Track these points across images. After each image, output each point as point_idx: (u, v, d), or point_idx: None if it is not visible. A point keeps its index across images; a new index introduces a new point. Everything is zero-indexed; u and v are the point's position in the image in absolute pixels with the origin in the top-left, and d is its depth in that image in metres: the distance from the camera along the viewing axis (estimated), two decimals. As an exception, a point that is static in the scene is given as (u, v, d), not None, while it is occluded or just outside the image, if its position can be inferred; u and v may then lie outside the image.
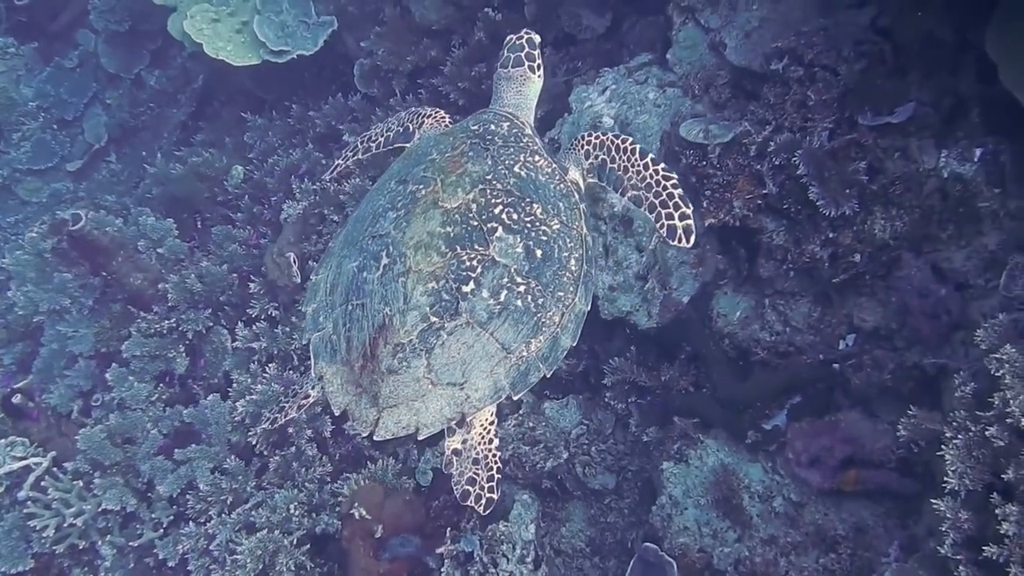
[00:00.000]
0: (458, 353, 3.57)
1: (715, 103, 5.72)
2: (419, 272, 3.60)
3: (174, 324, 6.92)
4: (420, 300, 3.57)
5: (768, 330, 5.48)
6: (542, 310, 3.68)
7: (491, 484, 3.75)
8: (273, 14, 7.96)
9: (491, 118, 4.22)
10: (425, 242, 3.66)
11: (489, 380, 3.61)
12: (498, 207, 3.73)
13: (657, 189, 4.01)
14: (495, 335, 3.59)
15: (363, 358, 3.64)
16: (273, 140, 8.17)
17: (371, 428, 3.61)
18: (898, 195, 4.96)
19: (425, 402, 3.59)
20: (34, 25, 10.98)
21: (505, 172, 3.86)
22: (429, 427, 3.60)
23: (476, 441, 3.78)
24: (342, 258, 3.97)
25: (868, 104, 5.02)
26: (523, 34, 4.47)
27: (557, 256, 3.77)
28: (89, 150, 10.26)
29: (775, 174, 5.18)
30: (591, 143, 4.19)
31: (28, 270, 7.45)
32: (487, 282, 3.60)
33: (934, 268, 4.97)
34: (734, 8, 5.69)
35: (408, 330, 3.55)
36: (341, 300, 3.83)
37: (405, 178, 3.98)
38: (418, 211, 3.75)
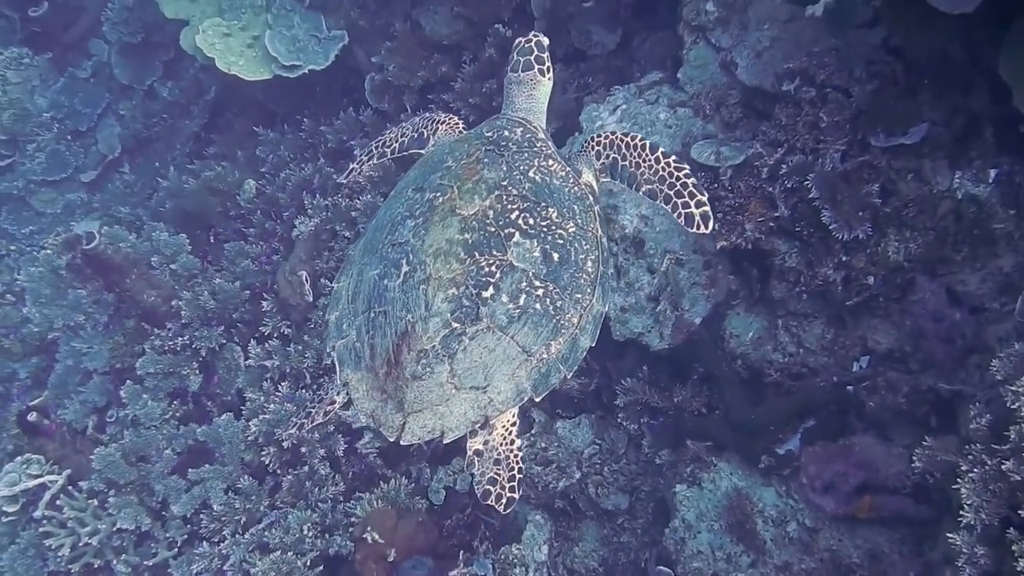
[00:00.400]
0: (480, 357, 3.60)
1: (726, 123, 5.69)
2: (439, 279, 3.64)
3: (187, 341, 6.93)
4: (441, 307, 3.60)
5: (781, 351, 5.46)
6: (561, 312, 3.72)
7: (512, 484, 3.75)
8: (284, 29, 7.96)
9: (504, 124, 4.26)
10: (444, 249, 3.70)
11: (511, 383, 3.65)
12: (514, 212, 3.77)
13: (671, 180, 4.05)
14: (515, 338, 3.63)
15: (387, 364, 3.67)
16: (285, 154, 8.17)
17: (397, 433, 3.64)
18: (912, 217, 4.94)
19: (449, 406, 3.62)
20: (48, 35, 11.01)
21: (520, 177, 3.89)
22: (454, 431, 3.63)
23: (498, 442, 3.79)
24: (363, 266, 4.00)
25: (881, 125, 4.99)
26: (531, 37, 4.47)
27: (574, 259, 3.80)
28: (103, 161, 10.30)
29: (787, 196, 5.15)
30: (601, 143, 4.23)
31: (43, 286, 7.49)
32: (506, 287, 3.64)
33: (948, 291, 4.94)
34: (745, 28, 5.66)
35: (431, 336, 3.59)
36: (363, 308, 3.86)
37: (422, 186, 4.01)
38: (436, 219, 3.79)
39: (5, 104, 10.44)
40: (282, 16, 8.04)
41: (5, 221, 10.19)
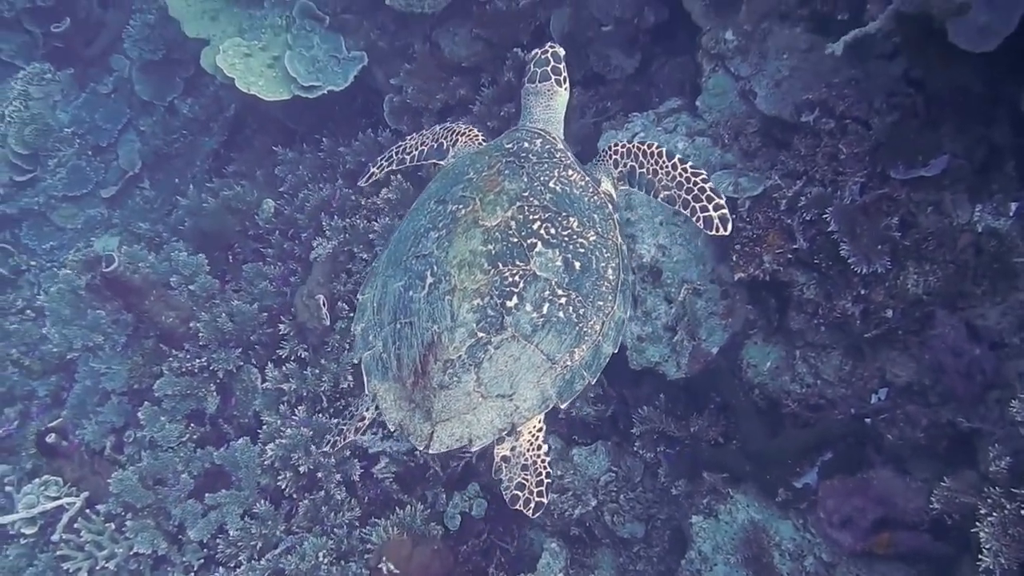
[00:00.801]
0: (505, 366, 3.63)
1: (745, 151, 5.68)
2: (464, 290, 3.67)
3: (205, 363, 6.97)
4: (467, 317, 3.63)
5: (799, 382, 5.44)
6: (583, 320, 3.74)
7: (540, 489, 3.76)
8: (304, 49, 7.98)
9: (524, 135, 4.29)
10: (468, 260, 3.72)
11: (536, 390, 3.66)
12: (536, 223, 3.80)
13: (688, 186, 4.08)
14: (540, 347, 3.65)
15: (414, 375, 3.70)
16: (303, 174, 8.19)
17: (426, 442, 3.67)
18: (931, 250, 4.90)
19: (476, 415, 3.65)
20: (70, 51, 11.10)
21: (541, 188, 3.92)
22: (481, 438, 3.67)
23: (525, 448, 3.81)
24: (387, 278, 4.02)
25: (900, 157, 4.96)
26: (547, 48, 4.49)
27: (595, 267, 3.83)
28: (123, 176, 10.37)
29: (805, 229, 5.13)
30: (619, 152, 4.27)
31: (62, 307, 7.54)
32: (530, 296, 3.66)
33: (968, 325, 4.90)
34: (764, 56, 5.64)
35: (457, 346, 3.61)
36: (389, 319, 3.89)
37: (444, 198, 4.04)
38: (459, 230, 3.82)
39: (27, 119, 10.52)
40: (302, 37, 8.06)
41: (26, 236, 10.26)
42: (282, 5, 8.31)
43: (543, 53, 4.47)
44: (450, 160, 4.63)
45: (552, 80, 4.43)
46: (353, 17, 8.13)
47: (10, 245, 10.17)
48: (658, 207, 5.65)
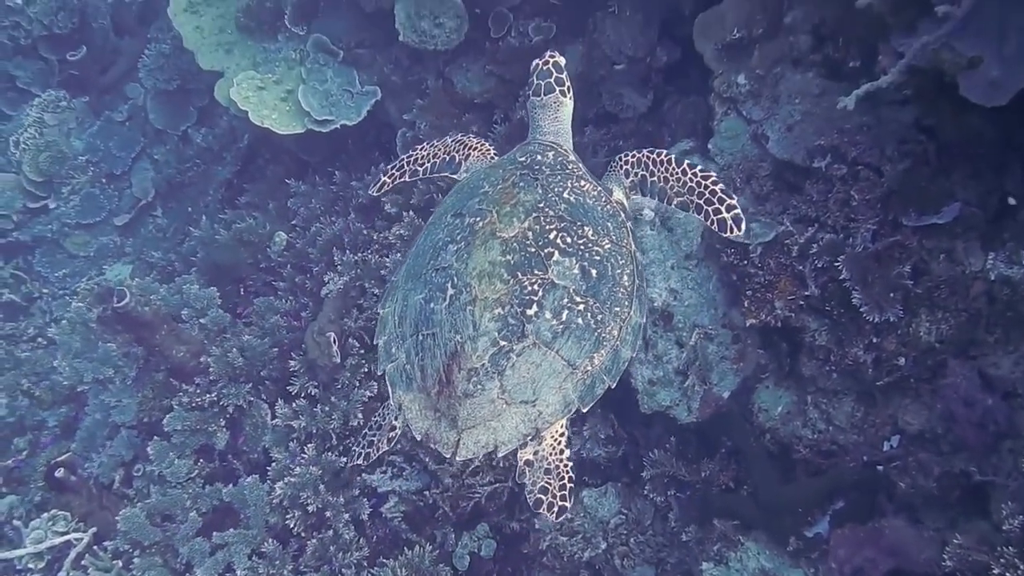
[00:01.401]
0: (528, 373, 3.72)
1: (757, 195, 5.67)
2: (485, 300, 3.75)
3: (215, 398, 6.96)
4: (489, 326, 3.71)
5: (810, 428, 5.42)
6: (602, 326, 3.84)
7: (563, 493, 3.85)
8: (318, 83, 8.02)
9: (536, 149, 4.40)
10: (488, 271, 3.81)
11: (558, 395, 3.76)
12: (552, 232, 3.90)
13: (700, 190, 4.18)
14: (560, 353, 3.75)
15: (439, 384, 3.79)
16: (316, 207, 8.20)
17: (453, 449, 3.76)
18: (943, 298, 4.89)
19: (501, 421, 3.74)
20: (85, 79, 11.19)
21: (556, 199, 4.02)
22: (507, 444, 3.75)
23: (548, 452, 3.90)
24: (407, 291, 4.10)
25: (912, 205, 4.95)
26: (548, 58, 4.59)
27: (611, 273, 3.93)
28: (136, 204, 10.41)
29: (817, 275, 5.12)
30: (629, 162, 4.39)
31: (73, 339, 7.56)
32: (549, 304, 3.75)
33: (981, 374, 4.87)
34: (776, 101, 5.64)
35: (480, 355, 3.70)
36: (411, 331, 3.97)
37: (461, 211, 4.13)
38: (478, 242, 3.91)
39: (42, 146, 10.59)
40: (315, 70, 8.09)
41: (39, 264, 10.30)
42: (296, 39, 8.35)
43: (544, 64, 4.58)
44: (463, 175, 4.72)
45: (557, 92, 4.54)
46: (367, 52, 8.17)
47: (23, 272, 10.21)
48: (670, 250, 5.64)
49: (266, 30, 8.59)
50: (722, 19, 5.86)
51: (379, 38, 8.09)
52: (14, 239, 10.39)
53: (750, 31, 5.71)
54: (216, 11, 8.92)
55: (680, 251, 5.63)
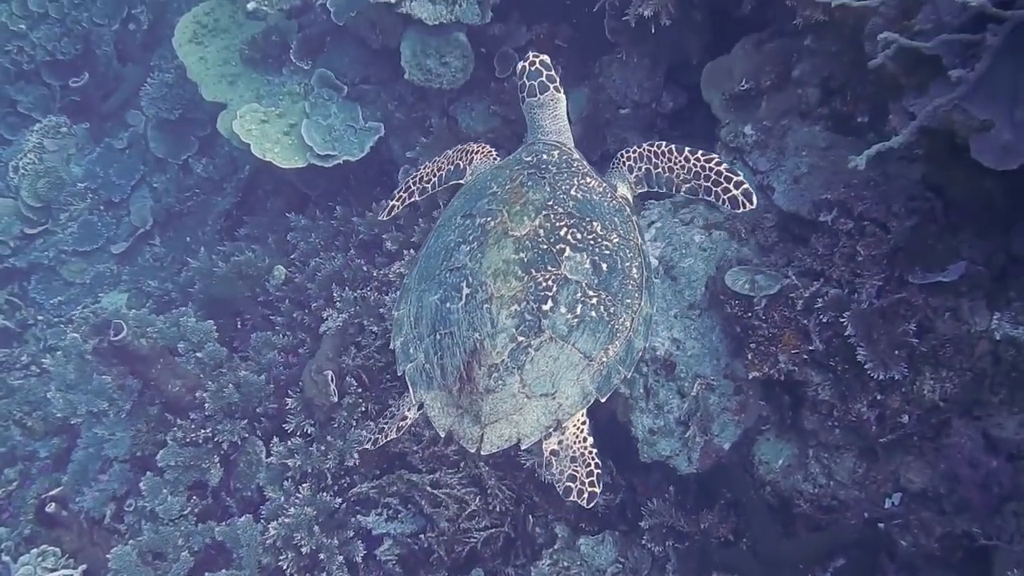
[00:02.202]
0: (546, 366, 3.79)
1: (761, 246, 5.66)
2: (501, 297, 3.82)
3: (210, 434, 6.90)
4: (506, 323, 3.78)
5: (811, 482, 5.37)
6: (614, 318, 3.92)
7: (591, 479, 3.92)
8: (321, 118, 8.02)
9: (541, 148, 4.49)
10: (503, 269, 3.88)
11: (577, 387, 3.83)
12: (563, 229, 3.97)
13: (706, 173, 4.28)
14: (576, 346, 3.82)
15: (460, 381, 3.84)
16: (316, 242, 8.17)
17: (477, 444, 3.82)
18: (948, 357, 4.86)
19: (523, 414, 3.80)
20: (87, 105, 11.21)
21: (564, 196, 4.09)
22: (529, 436, 3.81)
23: (571, 441, 3.98)
24: (421, 292, 4.17)
25: (918, 262, 4.93)
26: (532, 59, 4.60)
27: (620, 267, 4.01)
28: (134, 233, 10.40)
29: (822, 330, 5.09)
30: (631, 157, 4.49)
31: (68, 371, 7.49)
32: (563, 299, 3.83)
33: (985, 435, 4.84)
34: (783, 152, 5.64)
35: (499, 351, 3.77)
36: (428, 331, 4.03)
37: (471, 212, 4.19)
38: (491, 241, 3.98)
39: (41, 172, 10.60)
40: (319, 105, 8.10)
41: (34, 290, 10.27)
42: (301, 73, 8.38)
43: (531, 65, 4.58)
44: (469, 178, 4.80)
45: (551, 88, 4.57)
46: (372, 88, 8.19)
47: (18, 298, 10.16)
48: (674, 300, 5.61)
49: (271, 63, 8.63)
50: (730, 70, 5.88)
51: (384, 74, 8.12)
52: (10, 265, 10.34)
53: (758, 82, 5.72)
54: (221, 42, 8.95)
55: (684, 300, 5.60)
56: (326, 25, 8.02)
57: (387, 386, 6.89)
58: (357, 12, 7.50)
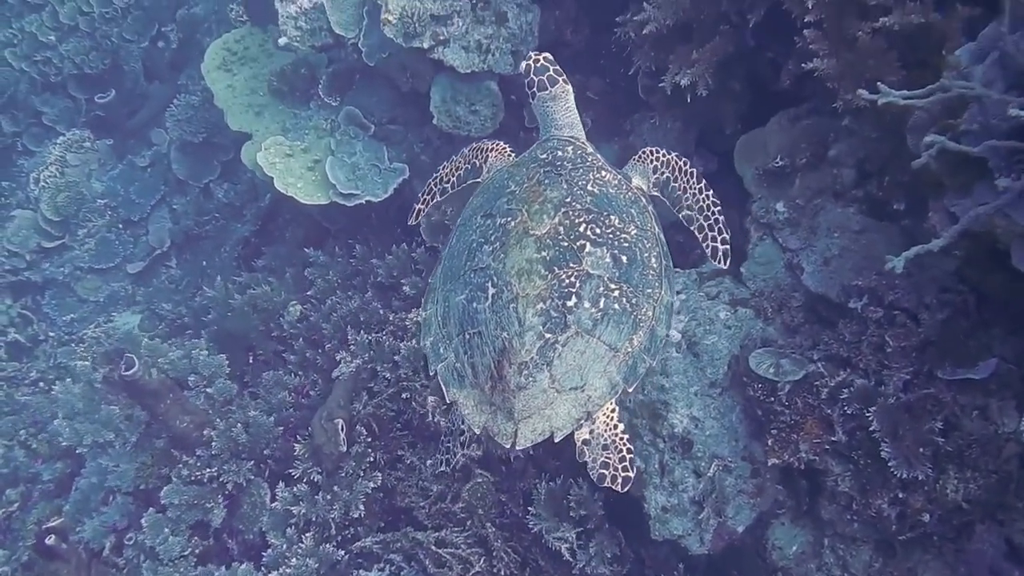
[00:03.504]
0: (574, 361, 3.94)
1: (788, 326, 5.56)
2: (527, 296, 3.96)
3: (215, 473, 6.80)
4: (533, 321, 3.92)
5: (825, 572, 5.27)
6: (637, 308, 4.07)
7: (624, 464, 4.12)
8: (346, 155, 7.94)
9: (556, 145, 4.63)
10: (526, 268, 4.01)
11: (604, 378, 3.99)
12: (582, 225, 4.13)
13: (707, 213, 4.72)
14: (602, 338, 3.97)
15: (491, 380, 3.98)
16: (333, 280, 8.07)
17: (512, 439, 3.95)
18: (974, 457, 4.74)
19: (554, 408, 3.96)
20: (111, 120, 11.19)
21: (581, 192, 4.25)
22: (562, 429, 3.97)
23: (602, 430, 4.16)
24: (447, 292, 4.29)
25: (948, 357, 4.83)
26: (536, 56, 4.79)
27: (640, 258, 4.18)
28: (151, 253, 10.35)
29: (845, 421, 4.99)
30: (659, 160, 4.79)
31: (76, 400, 7.41)
32: (586, 294, 3.98)
33: (1008, 542, 4.73)
34: (814, 232, 5.55)
35: (528, 349, 3.91)
36: (457, 331, 4.16)
37: (491, 212, 4.32)
38: (512, 241, 4.10)
39: (61, 186, 10.58)
40: (345, 142, 8.03)
41: (47, 305, 10.21)
42: (328, 109, 8.31)
43: (535, 62, 4.77)
44: (486, 176, 4.95)
45: (560, 81, 4.75)
46: (398, 128, 8.12)
47: (31, 312, 10.11)
48: (695, 376, 5.52)
49: (298, 96, 8.57)
50: (764, 144, 5.80)
51: (412, 116, 8.05)
52: (25, 278, 10.29)
53: (793, 159, 5.64)
54: (250, 71, 8.91)
55: (705, 378, 5.51)
56: (356, 64, 7.97)
57: (397, 435, 6.80)
58: (389, 54, 7.44)
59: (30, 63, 11.43)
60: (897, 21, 4.72)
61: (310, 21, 7.84)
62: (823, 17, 5.02)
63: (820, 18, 5.02)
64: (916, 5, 4.70)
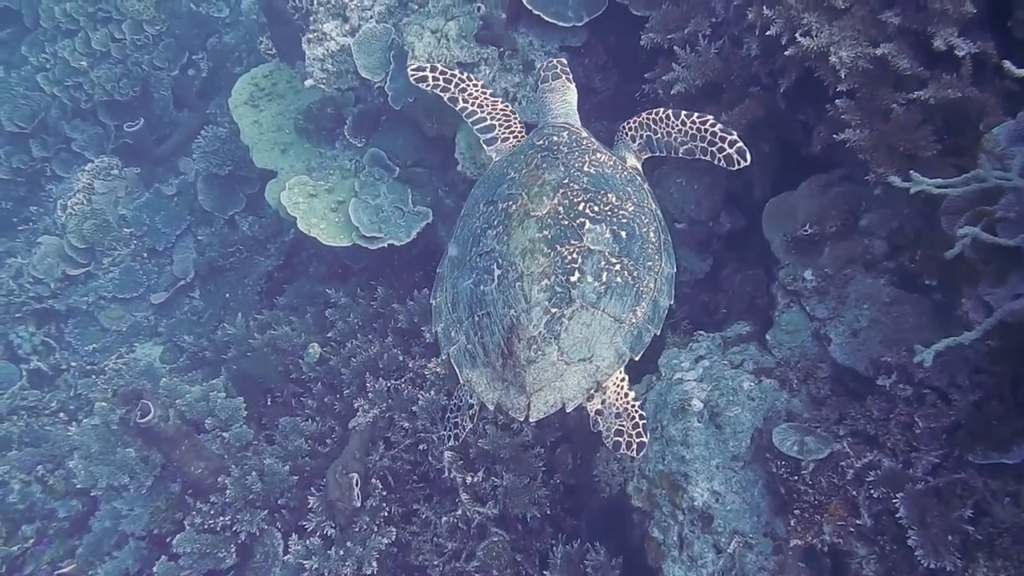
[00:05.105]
0: (581, 333, 4.09)
1: (813, 398, 5.41)
2: (531, 274, 4.13)
3: (228, 522, 6.72)
4: (539, 297, 4.08)
5: (847, 655, 5.08)
6: (638, 281, 4.25)
7: (638, 430, 4.31)
8: (370, 197, 7.86)
9: (551, 131, 4.90)
10: (529, 248, 4.19)
11: (611, 349, 4.15)
12: (581, 204, 4.31)
13: (701, 135, 4.79)
14: (606, 311, 4.13)
15: (502, 357, 4.13)
16: (354, 322, 7.99)
17: (525, 412, 4.09)
18: (1005, 547, 4.56)
19: (564, 380, 4.11)
20: (139, 148, 11.22)
21: (578, 173, 4.45)
22: (573, 400, 4.14)
23: (614, 399, 4.32)
24: (455, 279, 4.49)
25: (980, 441, 4.66)
26: (553, 62, 5.35)
27: (639, 233, 4.36)
28: (175, 284, 10.34)
29: (871, 504, 4.82)
30: (632, 127, 5.01)
31: (93, 442, 7.34)
32: (589, 268, 4.15)
33: (1039, 639, 4.54)
34: (843, 302, 5.40)
35: (536, 324, 4.07)
36: (466, 314, 4.32)
37: (492, 199, 4.53)
38: (515, 224, 4.29)
39: (88, 213, 10.60)
40: (369, 184, 7.96)
41: (70, 334, 10.20)
42: (353, 149, 8.25)
43: (550, 64, 5.31)
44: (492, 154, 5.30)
45: (564, 78, 5.22)
46: (423, 172, 8.04)
47: (53, 340, 10.11)
48: (716, 449, 5.36)
49: (324, 135, 8.53)
50: (793, 209, 5.66)
51: (437, 160, 7.98)
52: (49, 306, 10.30)
53: (822, 227, 5.49)
54: (276, 108, 8.90)
55: (727, 451, 5.36)
56: (383, 106, 7.90)
57: (413, 487, 6.71)
58: (415, 99, 7.35)
59: (61, 88, 11.52)
60: (933, 95, 4.60)
61: (337, 64, 7.78)
62: (856, 86, 4.91)
63: (853, 87, 4.91)
64: (952, 79, 4.58)
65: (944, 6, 4.48)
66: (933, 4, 4.52)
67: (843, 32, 4.84)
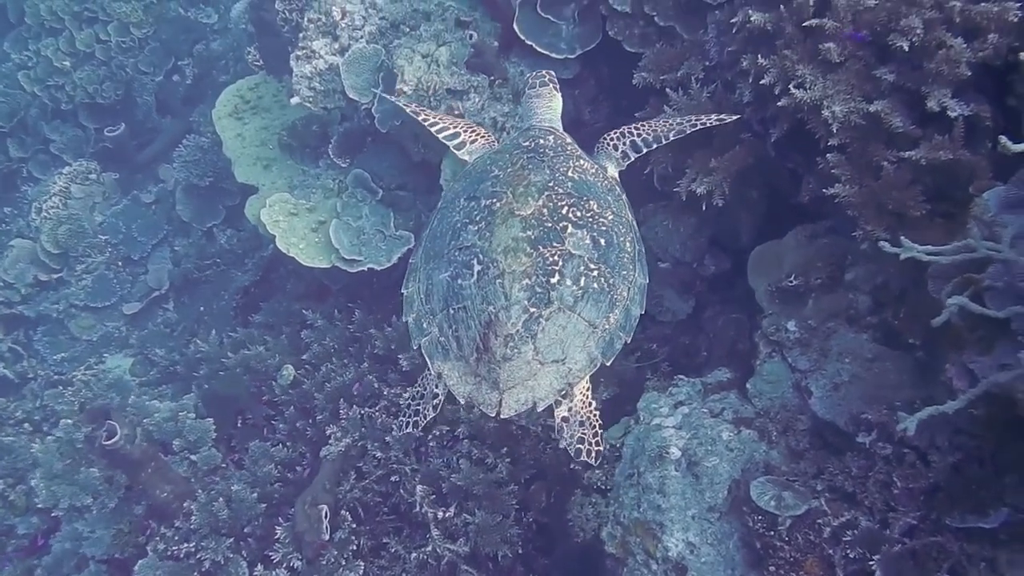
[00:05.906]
0: (556, 335, 4.16)
1: (792, 450, 5.35)
2: (513, 272, 4.17)
3: (193, 549, 6.58)
4: (519, 295, 4.13)
5: None
6: (614, 288, 4.34)
7: (597, 439, 4.37)
8: (352, 218, 7.75)
9: (537, 134, 4.98)
10: (512, 246, 4.23)
11: (584, 353, 4.23)
12: (564, 208, 4.39)
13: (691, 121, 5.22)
14: (582, 315, 4.21)
15: (477, 352, 4.17)
16: (330, 345, 7.86)
17: (497, 408, 4.14)
18: (980, 613, 4.53)
19: (537, 380, 4.17)
20: (119, 153, 11.07)
21: (563, 178, 4.54)
22: (544, 400, 4.20)
23: (579, 407, 4.37)
24: (430, 271, 4.50)
25: (958, 504, 4.62)
26: (542, 72, 5.54)
27: (616, 241, 4.45)
28: (148, 295, 10.15)
29: (847, 564, 4.76)
30: (612, 138, 5.20)
31: (55, 460, 7.18)
32: (568, 272, 4.21)
33: None
34: (825, 355, 5.35)
35: (515, 322, 4.12)
36: (441, 306, 4.35)
37: (475, 195, 4.56)
38: (498, 221, 4.33)
39: (63, 218, 10.45)
40: (352, 205, 7.85)
41: (39, 342, 10.00)
42: (337, 169, 8.15)
43: (539, 72, 5.53)
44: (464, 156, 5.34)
45: (551, 87, 5.41)
46: (407, 195, 7.95)
47: (21, 347, 9.92)
48: (693, 499, 5.29)
49: (308, 153, 8.43)
50: (779, 259, 5.62)
51: (421, 184, 7.89)
52: (18, 312, 10.11)
53: (807, 279, 5.44)
54: (261, 122, 8.80)
55: (704, 501, 5.29)
56: (369, 127, 7.80)
57: (383, 519, 6.59)
58: (402, 122, 7.27)
59: (43, 88, 11.35)
60: (924, 155, 4.55)
61: (324, 82, 7.67)
62: (848, 141, 4.86)
63: (845, 142, 4.86)
64: (944, 140, 4.53)
65: (939, 67, 4.44)
66: (928, 64, 4.50)
67: (837, 86, 4.80)
